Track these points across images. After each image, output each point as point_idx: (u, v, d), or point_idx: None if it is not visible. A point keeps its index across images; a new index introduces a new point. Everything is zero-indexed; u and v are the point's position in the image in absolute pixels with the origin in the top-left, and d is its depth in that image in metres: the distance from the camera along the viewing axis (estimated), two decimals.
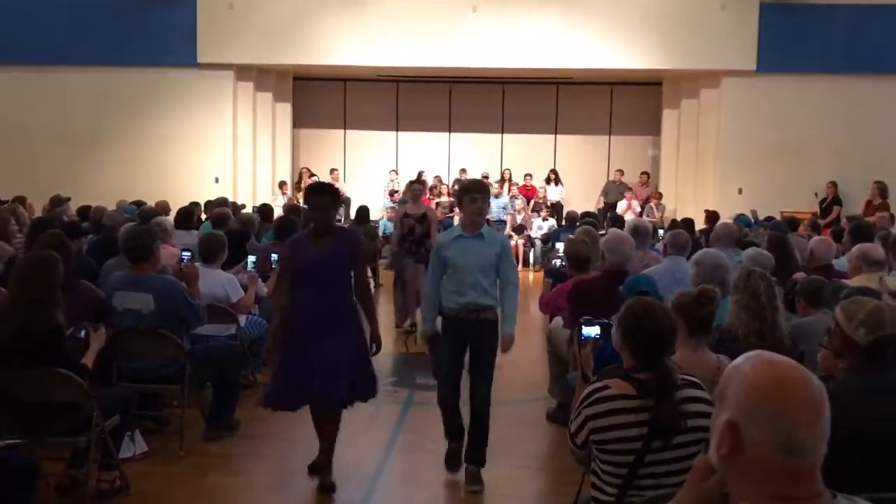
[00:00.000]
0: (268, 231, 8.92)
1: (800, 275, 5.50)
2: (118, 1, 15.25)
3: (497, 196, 14.80)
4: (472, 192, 4.80)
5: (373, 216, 13.72)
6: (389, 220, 13.55)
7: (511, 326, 4.75)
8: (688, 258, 5.59)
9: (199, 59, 15.24)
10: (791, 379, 1.51)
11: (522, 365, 7.60)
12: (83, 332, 4.34)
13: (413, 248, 8.63)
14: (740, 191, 14.95)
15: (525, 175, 16.53)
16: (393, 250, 9.10)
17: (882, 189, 13.87)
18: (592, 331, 3.37)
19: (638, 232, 6.38)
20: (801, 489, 1.51)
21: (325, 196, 4.69)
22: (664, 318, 2.95)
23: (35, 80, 15.38)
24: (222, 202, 10.62)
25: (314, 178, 16.22)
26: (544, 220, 15.00)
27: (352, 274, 4.79)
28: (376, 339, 4.75)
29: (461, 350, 4.80)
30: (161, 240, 6.11)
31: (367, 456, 5.27)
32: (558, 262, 6.72)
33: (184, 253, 6.07)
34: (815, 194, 14.68)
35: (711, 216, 11.47)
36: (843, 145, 14.61)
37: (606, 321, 3.36)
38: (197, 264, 6.09)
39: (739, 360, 1.61)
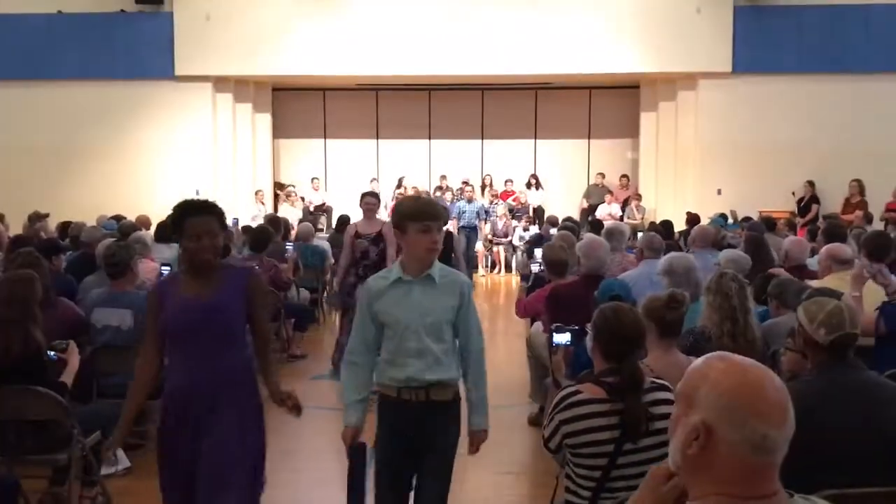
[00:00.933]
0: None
1: (778, 269, 5.58)
2: (95, 15, 15.23)
3: (471, 201, 14.80)
4: (424, 220, 3.24)
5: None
6: None
7: (483, 416, 3.44)
8: None
9: (177, 72, 15.23)
10: (761, 380, 1.56)
11: (504, 370, 7.64)
12: (53, 354, 4.33)
13: (367, 275, 6.17)
14: (719, 191, 15.06)
15: (506, 181, 16.59)
16: (339, 280, 7.39)
17: (861, 187, 14.03)
18: (563, 338, 3.42)
19: (612, 234, 6.45)
20: (763, 487, 1.56)
21: (205, 217, 3.27)
22: (633, 321, 3.03)
23: (13, 95, 15.32)
24: None
25: (290, 189, 16.23)
26: (525, 229, 15.02)
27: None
28: (276, 397, 3.37)
29: (408, 453, 3.34)
30: (140, 254, 6.13)
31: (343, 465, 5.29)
32: (537, 266, 6.76)
33: (163, 268, 6.08)
34: (793, 193, 14.82)
35: (692, 219, 11.57)
36: (819, 144, 14.75)
37: (578, 328, 3.41)
38: None
39: (702, 361, 1.64)
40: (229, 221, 11.72)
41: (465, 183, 16.05)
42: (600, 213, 15.12)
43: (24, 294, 4.20)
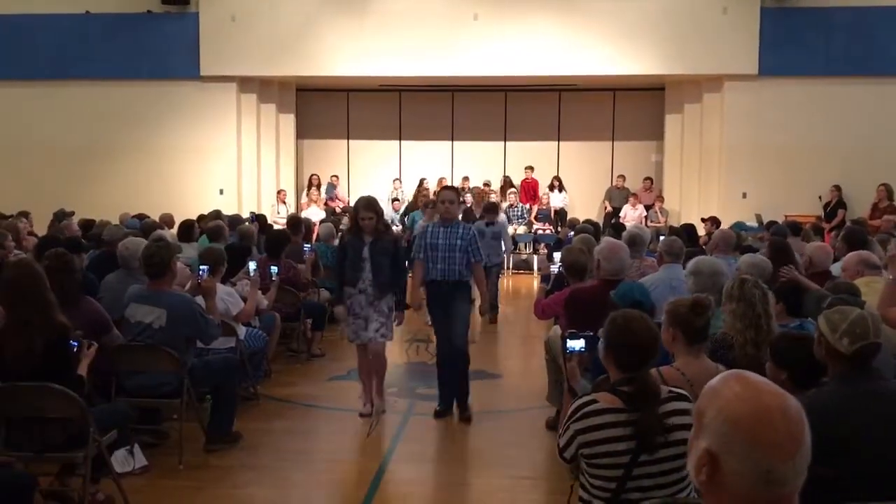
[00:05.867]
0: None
1: (791, 273, 5.50)
2: (121, 15, 15.38)
3: (448, 222, 9.60)
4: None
5: None
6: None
7: None
8: (684, 265, 5.59)
9: (203, 72, 15.34)
10: (770, 408, 1.48)
11: (523, 373, 7.61)
12: (76, 345, 4.34)
13: None
14: (745, 195, 14.92)
15: (525, 168, 16.44)
16: None
17: (889, 191, 13.82)
18: (577, 344, 3.38)
19: (634, 242, 6.37)
20: None
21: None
22: (646, 329, 2.97)
23: (41, 94, 15.51)
24: (216, 215, 10.63)
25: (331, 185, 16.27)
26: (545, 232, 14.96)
27: None
28: None
29: None
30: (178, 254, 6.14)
31: (365, 467, 5.28)
32: (555, 268, 6.71)
33: (201, 266, 6.07)
34: (820, 198, 14.64)
35: (713, 221, 11.46)
36: (846, 148, 14.57)
37: (592, 334, 3.37)
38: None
39: (717, 381, 1.59)
40: (246, 217, 11.77)
41: (486, 185, 15.90)
42: (628, 216, 15.01)
43: (32, 289, 4.19)
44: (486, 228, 9.89)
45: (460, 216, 6.94)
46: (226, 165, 15.73)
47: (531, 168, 16.49)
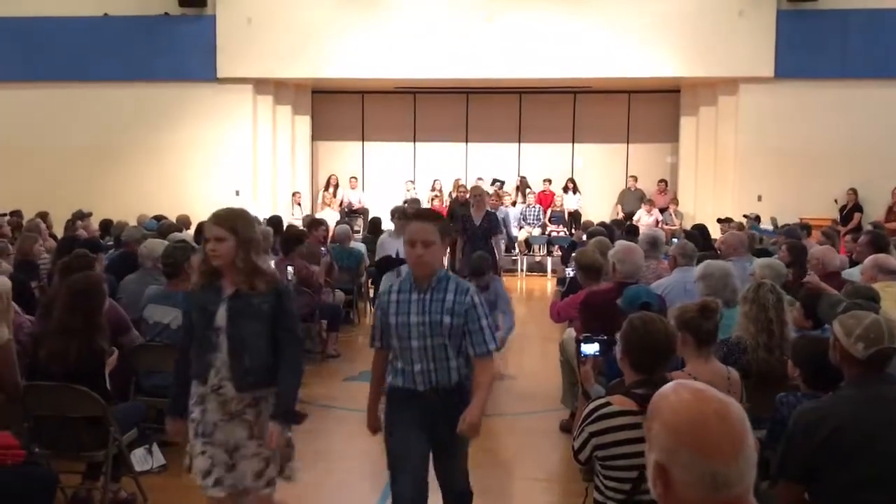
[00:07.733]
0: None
1: (812, 277, 5.49)
2: (139, 17, 15.51)
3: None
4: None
5: (386, 227, 13.81)
6: None
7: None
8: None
9: (219, 74, 15.44)
10: (706, 413, 1.52)
11: (538, 375, 7.63)
12: None
13: None
14: (760, 198, 14.86)
15: (544, 180, 16.50)
16: None
17: None
18: (591, 348, 3.40)
19: (654, 244, 6.38)
20: None
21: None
22: (663, 332, 2.99)
23: (58, 95, 15.65)
24: None
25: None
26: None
27: None
28: None
29: None
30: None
31: (379, 468, 5.30)
32: (570, 271, 6.73)
33: None
34: (836, 201, 14.57)
35: (730, 223, 11.40)
36: (863, 151, 14.48)
37: (607, 337, 3.39)
38: None
39: (660, 394, 1.62)
40: (261, 221, 11.85)
41: (497, 183, 15.89)
42: (642, 220, 14.95)
43: (87, 304, 4.28)
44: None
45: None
46: (242, 167, 15.82)
47: (549, 181, 16.48)
